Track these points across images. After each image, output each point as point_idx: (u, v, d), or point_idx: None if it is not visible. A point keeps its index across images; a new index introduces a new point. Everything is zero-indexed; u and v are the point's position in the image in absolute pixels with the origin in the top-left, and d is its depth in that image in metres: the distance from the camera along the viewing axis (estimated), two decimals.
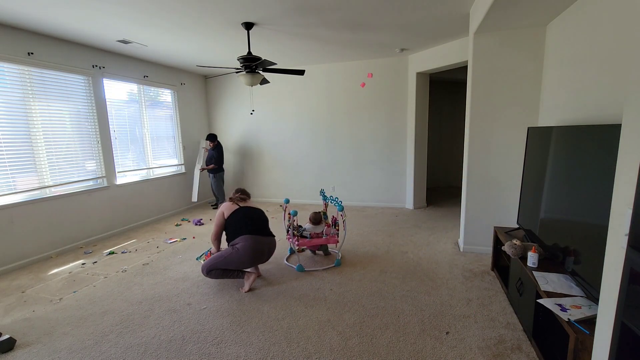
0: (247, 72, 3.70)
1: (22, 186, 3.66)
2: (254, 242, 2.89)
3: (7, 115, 3.50)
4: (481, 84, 3.34)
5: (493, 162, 3.44)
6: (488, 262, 3.41)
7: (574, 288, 1.93)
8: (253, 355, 2.08)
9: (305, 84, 6.06)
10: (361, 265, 3.40)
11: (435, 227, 4.66)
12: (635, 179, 1.10)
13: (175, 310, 2.63)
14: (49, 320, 2.54)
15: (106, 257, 3.86)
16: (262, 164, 6.65)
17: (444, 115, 7.71)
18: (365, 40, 4.41)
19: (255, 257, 2.92)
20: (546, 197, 2.35)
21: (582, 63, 2.36)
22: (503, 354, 2.04)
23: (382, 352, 2.08)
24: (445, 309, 2.56)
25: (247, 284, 2.92)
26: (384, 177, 5.92)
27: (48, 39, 3.85)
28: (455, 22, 3.70)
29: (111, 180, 4.66)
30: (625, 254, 1.11)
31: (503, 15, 2.78)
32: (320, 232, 3.46)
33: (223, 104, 6.68)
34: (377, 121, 5.78)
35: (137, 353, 2.13)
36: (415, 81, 5.33)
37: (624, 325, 1.10)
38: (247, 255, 2.85)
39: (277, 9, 3.18)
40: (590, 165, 1.82)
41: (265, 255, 3.02)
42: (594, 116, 2.18)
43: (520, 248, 2.40)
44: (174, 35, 3.96)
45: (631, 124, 1.14)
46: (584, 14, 2.37)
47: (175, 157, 6.02)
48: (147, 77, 5.22)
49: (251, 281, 2.93)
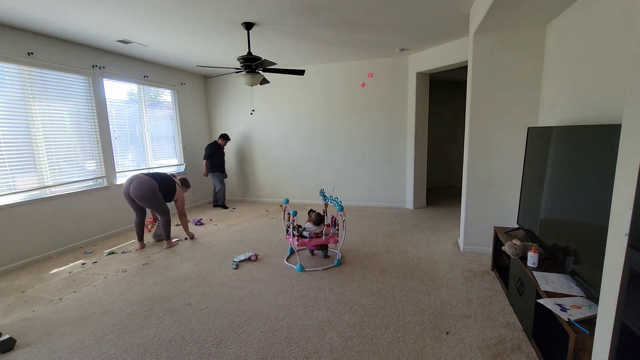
0: (247, 72, 3.70)
1: (22, 186, 3.66)
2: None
3: (7, 115, 3.50)
4: (481, 84, 3.34)
5: (493, 162, 3.44)
6: (488, 262, 3.41)
7: (574, 288, 1.93)
8: (253, 355, 2.08)
9: (305, 84, 6.06)
10: (361, 265, 3.40)
11: (435, 227, 4.66)
12: (635, 179, 1.10)
13: (175, 310, 2.63)
14: (49, 320, 2.54)
15: (106, 257, 3.86)
16: (262, 163, 6.65)
17: (444, 115, 7.71)
18: (365, 40, 4.41)
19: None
20: (546, 197, 2.35)
21: (582, 63, 2.36)
22: (503, 354, 2.04)
23: (382, 352, 2.08)
24: (445, 309, 2.56)
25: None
26: (384, 177, 5.92)
27: (48, 39, 3.85)
28: (455, 22, 3.70)
29: (111, 180, 4.66)
30: (625, 254, 1.11)
31: (503, 16, 2.78)
32: (320, 232, 3.46)
33: (223, 104, 6.68)
34: (377, 121, 5.78)
35: (137, 353, 2.13)
36: (415, 81, 5.33)
37: (624, 325, 1.10)
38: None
39: (277, 9, 3.18)
40: (590, 165, 1.82)
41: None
42: (594, 116, 2.18)
43: (520, 248, 2.40)
44: (174, 35, 3.96)
45: (631, 124, 1.14)
46: (583, 14, 2.37)
47: (175, 157, 6.02)
48: (147, 77, 5.22)
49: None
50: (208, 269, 3.42)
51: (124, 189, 3.89)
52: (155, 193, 3.90)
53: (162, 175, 4.11)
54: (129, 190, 3.83)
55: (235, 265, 3.44)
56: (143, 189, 3.82)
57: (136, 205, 3.96)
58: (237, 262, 3.52)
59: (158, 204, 3.96)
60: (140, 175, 3.91)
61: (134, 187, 3.81)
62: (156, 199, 3.92)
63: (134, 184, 3.82)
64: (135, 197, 3.83)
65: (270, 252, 3.85)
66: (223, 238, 4.43)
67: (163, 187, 4.00)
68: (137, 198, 3.83)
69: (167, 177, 4.14)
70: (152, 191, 3.87)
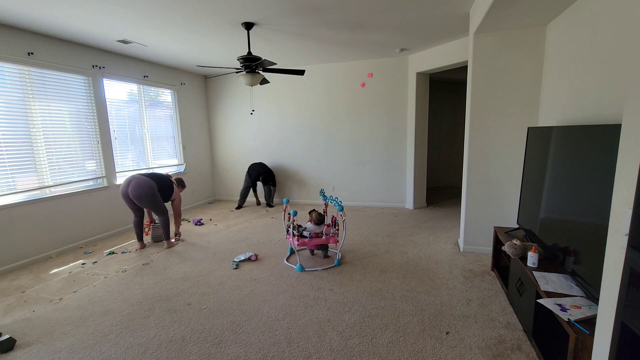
0: (247, 72, 3.70)
1: (22, 186, 3.66)
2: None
3: (7, 115, 3.50)
4: (481, 84, 3.34)
5: (493, 162, 3.44)
6: (488, 262, 3.41)
7: (574, 288, 1.93)
8: (253, 355, 2.08)
9: (305, 84, 6.06)
10: (361, 265, 3.40)
11: (435, 227, 4.66)
12: (635, 179, 1.10)
13: (175, 310, 2.63)
14: (49, 320, 2.54)
15: (106, 257, 3.86)
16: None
17: (444, 115, 7.70)
18: (365, 40, 4.41)
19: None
20: (546, 197, 2.35)
21: (582, 63, 2.36)
22: (503, 354, 2.04)
23: (382, 352, 2.08)
24: (445, 309, 2.56)
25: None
26: (384, 177, 5.92)
27: (48, 39, 3.85)
28: (455, 22, 3.70)
29: (111, 180, 4.66)
30: (625, 254, 1.11)
31: (503, 15, 2.78)
32: (320, 232, 3.46)
33: (223, 104, 6.68)
34: (377, 121, 5.78)
35: (137, 353, 2.13)
36: (415, 81, 5.33)
37: (624, 325, 1.10)
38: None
39: (277, 9, 3.18)
40: (590, 165, 1.82)
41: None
42: (594, 116, 2.18)
43: (520, 248, 2.40)
44: (174, 35, 3.96)
45: (631, 124, 1.14)
46: (584, 14, 2.37)
47: (176, 157, 6.02)
48: (147, 77, 5.22)
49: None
50: (208, 269, 3.42)
51: (121, 189, 3.88)
52: (154, 193, 3.90)
53: (160, 175, 4.11)
54: (128, 191, 3.83)
55: (235, 265, 3.45)
56: (142, 189, 3.82)
57: (134, 206, 3.96)
58: (237, 262, 3.52)
59: (156, 205, 3.96)
60: (138, 175, 3.91)
61: (133, 188, 3.81)
62: (155, 199, 3.92)
63: (133, 185, 3.82)
64: (134, 198, 3.83)
65: (270, 252, 3.86)
66: (223, 238, 4.43)
67: (161, 188, 4.00)
68: (136, 199, 3.83)
69: (164, 177, 4.14)
70: (151, 192, 3.87)
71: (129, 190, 3.82)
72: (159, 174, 4.16)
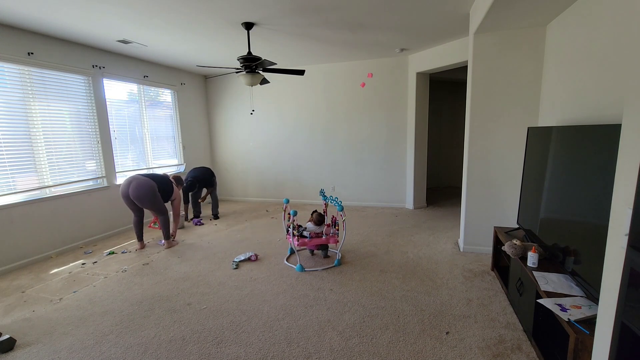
0: (247, 72, 3.70)
1: (22, 186, 3.65)
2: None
3: (7, 115, 3.50)
4: (481, 84, 3.34)
5: (493, 162, 3.44)
6: (488, 262, 3.41)
7: (574, 288, 1.93)
8: (253, 355, 2.08)
9: (305, 84, 6.06)
10: (361, 265, 3.40)
11: (435, 227, 4.66)
12: (635, 179, 1.10)
13: (175, 310, 2.63)
14: (49, 320, 2.54)
15: (106, 257, 3.86)
16: (261, 163, 6.64)
17: (444, 115, 7.70)
18: (365, 40, 4.41)
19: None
20: (546, 197, 2.35)
21: (582, 63, 2.36)
22: (503, 354, 2.04)
23: (382, 352, 2.08)
24: (445, 309, 2.56)
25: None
26: (384, 177, 5.92)
27: (48, 39, 3.85)
28: (455, 22, 3.70)
29: (111, 180, 4.66)
30: (625, 254, 1.11)
31: (503, 15, 2.78)
32: (320, 232, 3.46)
33: (223, 104, 6.68)
34: (377, 121, 5.78)
35: (137, 353, 2.13)
36: (415, 81, 5.32)
37: (624, 325, 1.10)
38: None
39: (277, 9, 3.18)
40: (590, 165, 1.82)
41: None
42: (594, 116, 2.18)
43: (520, 248, 2.40)
44: (174, 35, 3.96)
45: (631, 124, 1.14)
46: (583, 14, 2.37)
47: (176, 157, 6.02)
48: (147, 77, 5.22)
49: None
50: (208, 269, 3.42)
51: (121, 190, 3.88)
52: (155, 194, 3.91)
53: (159, 176, 4.12)
54: (128, 192, 3.83)
55: (235, 265, 3.45)
56: (143, 190, 3.82)
57: (134, 206, 3.96)
58: (237, 262, 3.52)
59: (157, 205, 3.96)
60: (138, 176, 3.91)
61: (134, 189, 3.81)
62: (155, 199, 3.92)
63: (133, 186, 3.82)
64: (135, 199, 3.83)
65: (270, 252, 3.86)
66: (223, 238, 4.43)
67: (161, 188, 4.01)
68: (136, 199, 3.83)
69: (164, 177, 4.15)
70: (152, 192, 3.87)
71: (129, 191, 3.82)
72: (159, 174, 4.16)
